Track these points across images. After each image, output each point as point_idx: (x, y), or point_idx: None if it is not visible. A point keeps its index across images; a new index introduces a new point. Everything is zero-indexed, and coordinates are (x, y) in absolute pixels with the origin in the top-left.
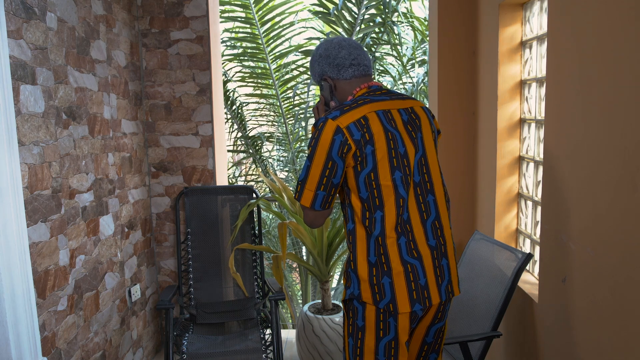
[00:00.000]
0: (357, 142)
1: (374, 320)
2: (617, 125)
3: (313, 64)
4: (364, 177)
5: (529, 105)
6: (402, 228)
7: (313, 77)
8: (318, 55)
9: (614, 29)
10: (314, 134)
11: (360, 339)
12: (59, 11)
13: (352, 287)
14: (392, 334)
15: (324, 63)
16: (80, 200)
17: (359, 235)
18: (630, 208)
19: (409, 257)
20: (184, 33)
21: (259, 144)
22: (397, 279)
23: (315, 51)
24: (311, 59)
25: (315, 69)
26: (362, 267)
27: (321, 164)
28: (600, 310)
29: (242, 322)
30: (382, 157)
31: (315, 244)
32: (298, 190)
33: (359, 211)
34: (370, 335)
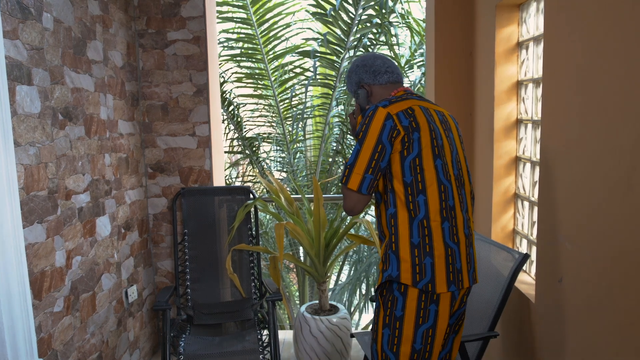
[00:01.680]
0: (405, 128)
1: (415, 308)
2: (612, 126)
3: (350, 76)
4: (410, 162)
5: (526, 105)
6: (446, 213)
7: (350, 88)
8: (355, 66)
9: (609, 29)
10: (364, 120)
11: (398, 329)
12: (55, 11)
13: (391, 268)
14: (430, 321)
15: (361, 72)
16: (77, 201)
17: (401, 218)
18: (626, 208)
19: (451, 241)
20: (180, 33)
21: (256, 145)
22: (438, 260)
23: (352, 66)
24: (347, 73)
25: (352, 79)
26: (405, 248)
27: (371, 148)
28: (596, 310)
29: (239, 323)
30: (426, 145)
31: (312, 244)
32: (346, 174)
33: (402, 195)
34: (410, 324)
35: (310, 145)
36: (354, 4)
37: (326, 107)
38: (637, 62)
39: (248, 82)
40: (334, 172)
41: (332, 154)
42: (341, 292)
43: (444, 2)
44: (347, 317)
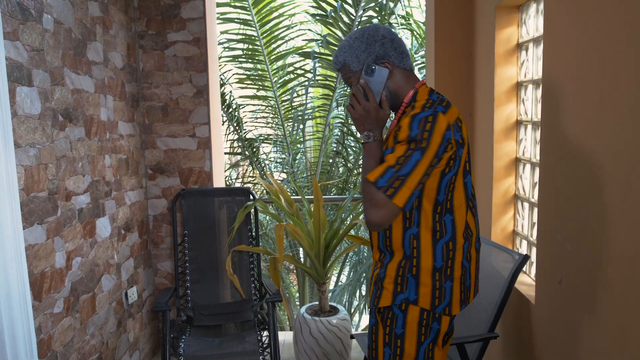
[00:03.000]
0: (457, 142)
1: (416, 325)
2: (612, 127)
3: (372, 44)
4: (447, 180)
5: (526, 107)
6: (466, 233)
7: (360, 58)
8: (381, 36)
9: (609, 30)
10: (425, 126)
11: (399, 347)
12: (56, 13)
13: (408, 292)
14: (431, 336)
15: (388, 46)
16: (77, 202)
17: (424, 240)
18: (626, 209)
19: (465, 260)
20: (180, 35)
21: (256, 146)
22: (455, 283)
23: (373, 32)
24: (361, 39)
25: (373, 49)
26: (426, 273)
27: (429, 160)
28: (596, 311)
29: (239, 324)
30: (463, 162)
31: (312, 245)
32: (395, 185)
33: (429, 214)
34: (411, 341)
35: (311, 146)
36: (354, 6)
37: (326, 108)
38: (636, 64)
39: (249, 83)
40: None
41: (332, 155)
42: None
43: (444, 3)
44: (347, 318)
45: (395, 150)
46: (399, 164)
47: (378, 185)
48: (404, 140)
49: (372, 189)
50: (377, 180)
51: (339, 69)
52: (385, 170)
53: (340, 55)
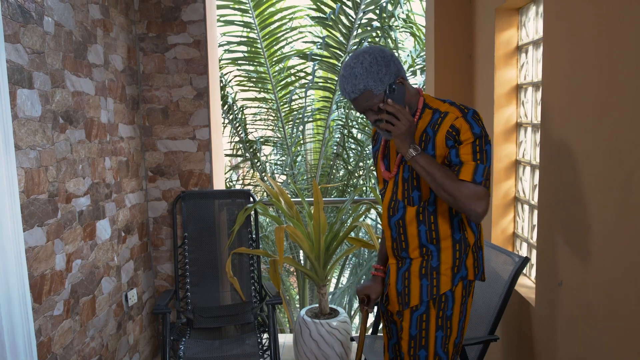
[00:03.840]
0: None
1: (459, 304)
2: (611, 129)
3: (389, 64)
4: None
5: (525, 109)
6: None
7: (383, 81)
8: (389, 54)
9: (608, 33)
10: (479, 121)
11: (449, 328)
12: (56, 15)
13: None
14: (464, 313)
15: (397, 62)
16: (77, 204)
17: (466, 221)
18: (625, 211)
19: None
20: (181, 37)
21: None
22: (484, 251)
23: (383, 52)
24: (382, 60)
25: (391, 69)
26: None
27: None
28: (595, 313)
29: (239, 327)
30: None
31: (312, 248)
32: (488, 178)
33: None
34: (456, 320)
35: (311, 148)
36: (354, 8)
37: (326, 110)
38: (635, 66)
39: (250, 86)
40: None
41: (332, 157)
42: (341, 296)
43: (444, 5)
44: (347, 320)
45: (464, 149)
46: (481, 159)
47: (477, 181)
48: (469, 139)
49: (471, 186)
50: (474, 178)
51: (357, 97)
52: (476, 168)
53: (359, 83)
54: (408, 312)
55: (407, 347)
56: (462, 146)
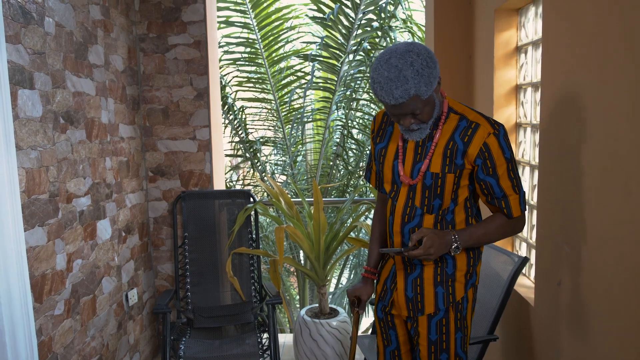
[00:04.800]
0: None
1: (472, 304)
2: (610, 130)
3: (435, 65)
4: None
5: (525, 109)
6: None
7: (432, 84)
8: (433, 54)
9: (607, 33)
10: (509, 142)
11: (466, 327)
12: (57, 16)
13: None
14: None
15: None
16: (78, 204)
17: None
18: (624, 212)
19: None
20: (181, 38)
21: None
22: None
23: (428, 53)
24: (430, 61)
25: (437, 71)
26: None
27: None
28: (594, 313)
29: (239, 327)
30: None
31: (312, 248)
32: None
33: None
34: (469, 320)
35: (311, 149)
36: (354, 8)
37: (326, 110)
38: (634, 66)
39: (249, 86)
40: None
41: (332, 158)
42: (341, 296)
43: (444, 6)
44: (347, 320)
45: (504, 182)
46: (519, 186)
47: (524, 211)
48: (503, 166)
49: (520, 220)
50: (522, 210)
51: (403, 102)
52: (521, 199)
53: (410, 88)
54: (424, 318)
55: (427, 352)
56: (501, 178)
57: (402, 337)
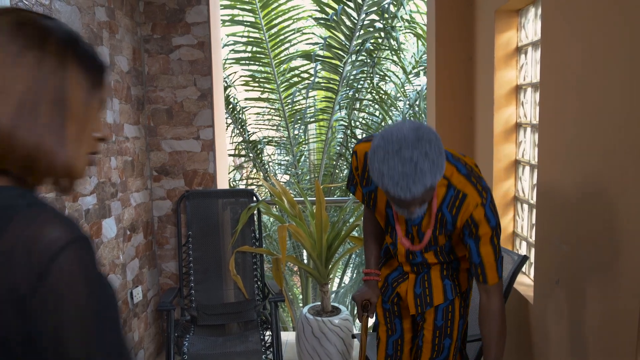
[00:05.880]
0: None
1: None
2: (606, 130)
3: (443, 154)
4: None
5: (525, 109)
6: None
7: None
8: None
9: (605, 34)
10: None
11: (467, 315)
12: (63, 18)
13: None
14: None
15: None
16: (84, 203)
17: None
18: (619, 210)
19: None
20: (185, 39)
21: (260, 148)
22: None
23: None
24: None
25: (443, 156)
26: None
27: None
28: (592, 311)
29: (242, 324)
30: None
31: (314, 246)
32: (502, 265)
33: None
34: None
35: (314, 148)
36: (356, 9)
37: (329, 110)
38: (632, 66)
39: (254, 86)
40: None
41: (335, 157)
42: (344, 295)
43: (445, 8)
44: (349, 318)
45: (485, 249)
46: (499, 253)
47: (500, 277)
48: (487, 234)
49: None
50: (498, 276)
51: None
52: (497, 266)
53: (427, 181)
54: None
55: (432, 336)
56: (482, 245)
57: (406, 325)
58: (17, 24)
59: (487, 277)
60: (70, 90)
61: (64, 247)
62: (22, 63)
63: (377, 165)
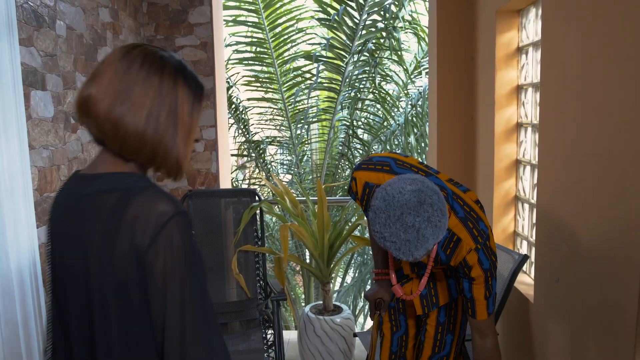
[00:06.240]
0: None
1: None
2: (605, 130)
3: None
4: None
5: (526, 109)
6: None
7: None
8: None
9: (606, 34)
10: (490, 253)
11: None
12: (68, 19)
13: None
14: None
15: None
16: None
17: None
18: (618, 210)
19: None
20: (188, 39)
21: (263, 148)
22: None
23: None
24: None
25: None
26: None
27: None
28: (590, 309)
29: (244, 323)
30: None
31: (316, 246)
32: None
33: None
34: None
35: (316, 148)
36: (358, 9)
37: (331, 110)
38: (632, 66)
39: (258, 86)
40: (339, 175)
41: (337, 157)
42: (346, 294)
43: (446, 8)
44: (350, 317)
45: (477, 289)
46: (490, 292)
47: (490, 313)
48: (480, 277)
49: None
50: (488, 313)
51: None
52: (488, 304)
53: (430, 244)
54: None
55: (434, 332)
56: (475, 285)
57: (411, 321)
58: (145, 55)
59: (476, 313)
60: (180, 104)
61: (171, 218)
62: (149, 84)
63: (378, 228)
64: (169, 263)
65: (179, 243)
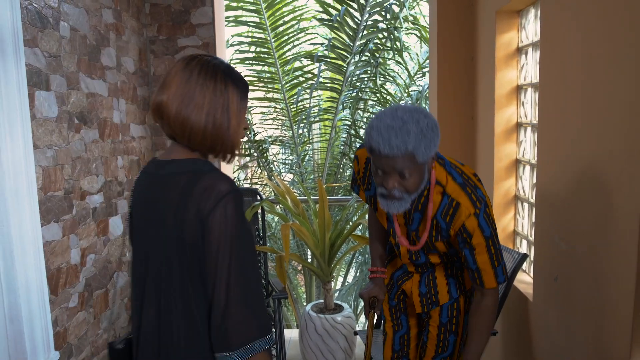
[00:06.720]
0: None
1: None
2: (603, 130)
3: (438, 136)
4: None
5: (525, 109)
6: None
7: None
8: (436, 126)
9: (604, 35)
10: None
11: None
12: (72, 20)
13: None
14: None
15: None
16: (91, 201)
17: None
18: (615, 209)
19: None
20: (190, 40)
21: (264, 148)
22: None
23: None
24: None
25: (437, 142)
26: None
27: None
28: (589, 307)
29: None
30: None
31: (317, 245)
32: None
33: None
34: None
35: (318, 148)
36: (360, 10)
37: (333, 110)
38: (632, 67)
39: (259, 86)
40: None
41: (339, 157)
42: (348, 293)
43: (446, 9)
44: (351, 315)
45: (481, 258)
46: (497, 260)
47: (500, 282)
48: (481, 244)
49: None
50: (497, 282)
51: (396, 156)
52: (496, 272)
53: (410, 142)
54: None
55: (437, 333)
56: (478, 254)
57: (412, 321)
58: (201, 65)
59: (483, 282)
60: (231, 101)
61: (227, 194)
62: (206, 88)
63: (371, 121)
64: (223, 228)
65: (232, 213)
